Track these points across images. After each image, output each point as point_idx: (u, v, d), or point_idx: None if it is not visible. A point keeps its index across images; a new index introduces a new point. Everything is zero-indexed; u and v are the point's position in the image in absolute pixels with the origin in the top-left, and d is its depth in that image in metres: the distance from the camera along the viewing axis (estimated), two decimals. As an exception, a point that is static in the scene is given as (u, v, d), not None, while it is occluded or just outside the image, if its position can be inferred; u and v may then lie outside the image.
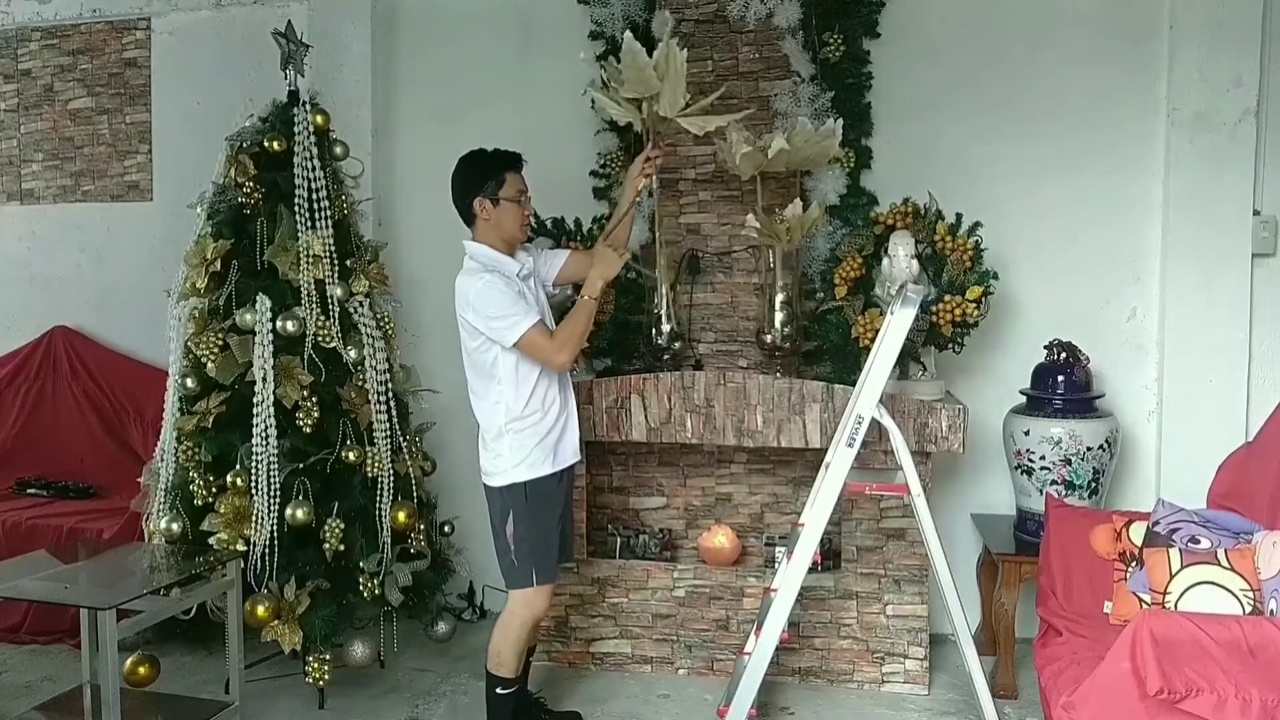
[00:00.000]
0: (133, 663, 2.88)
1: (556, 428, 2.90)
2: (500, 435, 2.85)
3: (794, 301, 3.48)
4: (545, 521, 2.89)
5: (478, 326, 2.79)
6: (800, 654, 3.43)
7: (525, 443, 2.85)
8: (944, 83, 3.75)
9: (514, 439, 2.85)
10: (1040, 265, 3.70)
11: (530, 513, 2.86)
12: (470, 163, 2.91)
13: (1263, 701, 2.05)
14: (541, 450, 2.86)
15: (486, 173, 2.86)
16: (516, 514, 2.86)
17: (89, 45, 4.62)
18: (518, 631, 2.88)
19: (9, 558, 3.24)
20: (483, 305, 2.76)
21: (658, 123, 3.12)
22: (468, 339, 2.85)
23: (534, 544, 2.87)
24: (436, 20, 4.18)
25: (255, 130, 3.30)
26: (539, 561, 2.88)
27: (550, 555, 2.91)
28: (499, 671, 2.89)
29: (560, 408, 2.91)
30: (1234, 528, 2.70)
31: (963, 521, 3.75)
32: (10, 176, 4.77)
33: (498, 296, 2.76)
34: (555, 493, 2.91)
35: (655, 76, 2.96)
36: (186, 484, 3.19)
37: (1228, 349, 3.55)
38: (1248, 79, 3.49)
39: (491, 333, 2.78)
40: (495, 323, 2.76)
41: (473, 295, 2.77)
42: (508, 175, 2.86)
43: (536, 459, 2.85)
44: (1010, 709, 3.22)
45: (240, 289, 3.22)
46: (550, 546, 2.90)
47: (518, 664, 2.91)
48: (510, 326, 2.75)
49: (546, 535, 2.89)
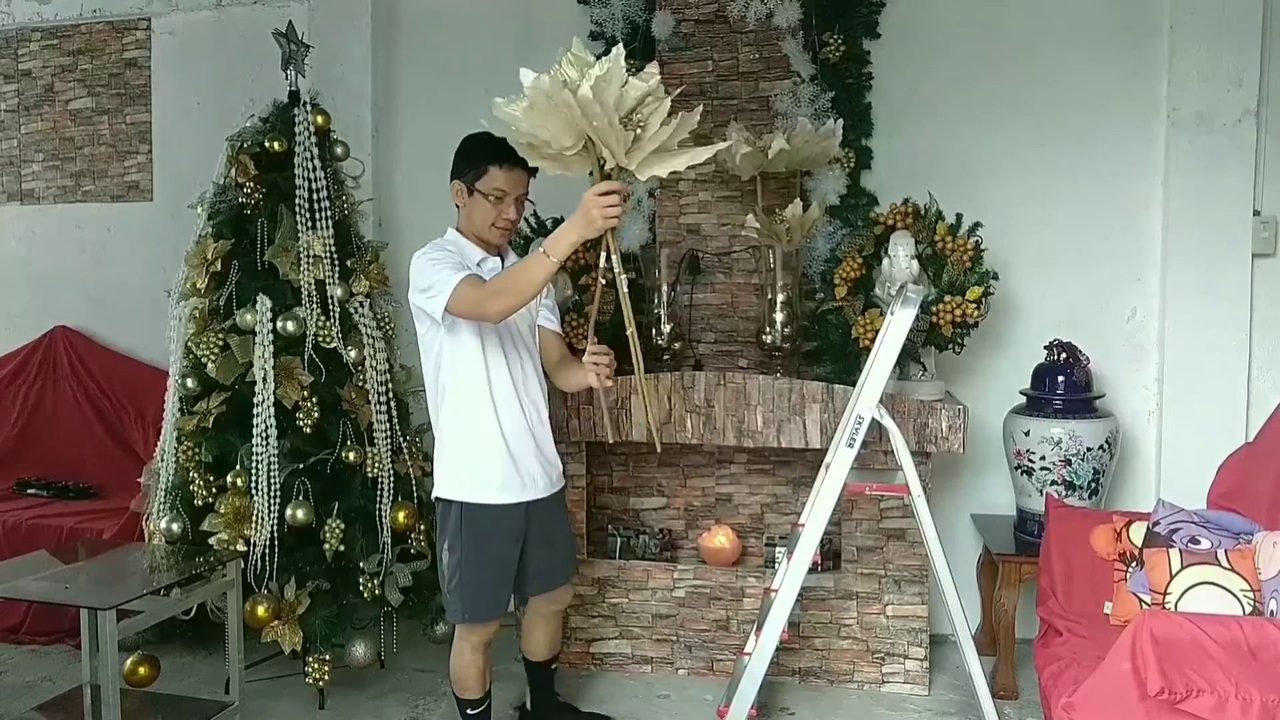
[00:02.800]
0: (133, 663, 2.88)
1: (505, 452, 2.59)
2: (442, 442, 2.65)
3: (794, 301, 3.47)
4: (483, 558, 2.60)
5: (417, 305, 2.53)
6: (800, 654, 3.43)
7: (462, 459, 2.61)
8: (944, 83, 3.75)
9: (453, 452, 2.62)
10: (1040, 265, 3.70)
11: (466, 543, 2.60)
12: (464, 142, 2.66)
13: (1263, 702, 2.05)
14: (480, 474, 2.59)
15: (471, 158, 2.62)
16: (451, 539, 2.62)
17: (89, 45, 4.63)
18: (469, 656, 2.70)
19: (9, 558, 3.24)
20: (416, 279, 2.51)
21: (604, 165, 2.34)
22: (416, 325, 2.62)
23: (466, 578, 2.61)
24: (436, 20, 4.19)
25: (256, 130, 3.30)
26: (470, 599, 2.62)
27: (485, 595, 2.64)
28: (463, 695, 2.75)
29: (518, 430, 2.61)
30: (1234, 528, 2.70)
31: (963, 521, 3.75)
32: (10, 176, 4.78)
33: (427, 266, 2.48)
34: (501, 529, 2.61)
35: (581, 117, 2.18)
36: (186, 484, 3.19)
37: (1228, 349, 3.55)
38: (1248, 79, 3.49)
39: (426, 306, 2.49)
40: (424, 295, 2.47)
41: (412, 272, 2.53)
42: (490, 168, 2.58)
43: (473, 482, 2.60)
44: (1010, 709, 3.22)
45: (240, 289, 3.22)
46: (486, 586, 2.63)
47: (481, 684, 2.74)
48: (438, 291, 2.43)
49: (483, 573, 2.61)
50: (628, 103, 2.19)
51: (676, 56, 3.69)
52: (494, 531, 2.62)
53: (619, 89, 2.15)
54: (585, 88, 2.11)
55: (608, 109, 2.15)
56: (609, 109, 2.16)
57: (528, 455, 2.65)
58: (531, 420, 2.67)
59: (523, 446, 2.64)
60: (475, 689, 2.75)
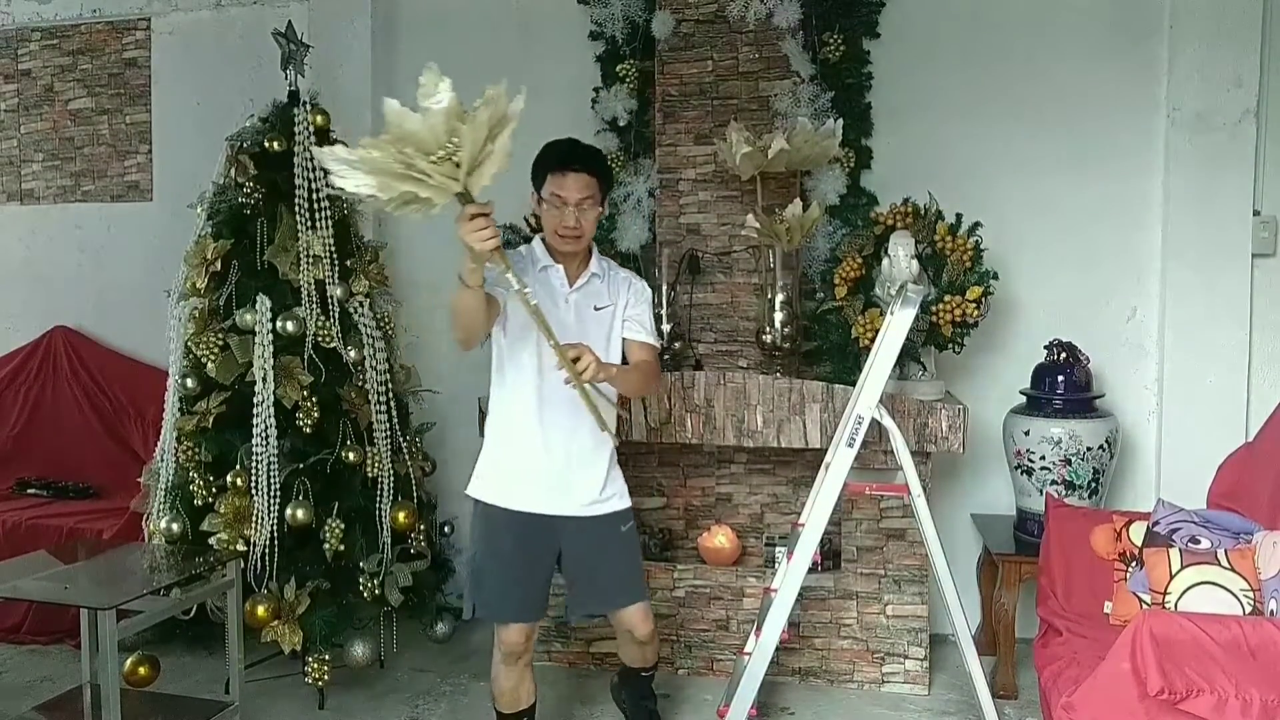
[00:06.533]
0: (133, 663, 2.88)
1: (514, 460, 2.60)
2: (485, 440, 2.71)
3: (794, 301, 3.48)
4: (493, 556, 2.63)
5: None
6: (800, 654, 3.43)
7: (485, 459, 2.66)
8: (944, 83, 3.75)
9: (484, 451, 2.67)
10: (1040, 265, 3.70)
11: (479, 538, 2.66)
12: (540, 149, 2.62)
13: (1263, 702, 2.05)
14: (492, 473, 2.64)
15: (537, 165, 2.59)
16: (471, 533, 2.70)
17: (89, 45, 4.62)
18: (498, 665, 2.68)
19: (9, 558, 3.24)
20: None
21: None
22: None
23: (476, 573, 2.67)
24: (436, 20, 4.18)
25: (255, 130, 3.30)
26: (479, 595, 2.67)
27: (493, 594, 2.65)
28: (498, 706, 2.73)
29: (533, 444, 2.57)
30: (1234, 528, 2.70)
31: (963, 521, 3.75)
32: (10, 176, 4.77)
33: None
34: (512, 533, 2.61)
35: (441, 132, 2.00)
36: (186, 484, 3.19)
37: (1228, 349, 3.55)
38: (1248, 79, 3.49)
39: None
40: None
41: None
42: (549, 175, 2.55)
43: (488, 478, 2.64)
44: (1010, 709, 3.22)
45: (240, 289, 3.22)
46: (495, 585, 2.64)
47: (512, 698, 2.69)
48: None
49: (491, 571, 2.64)
50: (434, 141, 1.99)
51: (676, 56, 3.69)
52: (504, 533, 2.62)
53: (426, 134, 1.98)
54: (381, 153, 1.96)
55: (417, 158, 1.98)
56: (419, 158, 1.99)
57: (544, 469, 2.60)
58: (553, 438, 2.59)
59: (536, 460, 2.59)
60: (505, 701, 2.71)
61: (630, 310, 2.68)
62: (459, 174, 2.02)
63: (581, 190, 2.54)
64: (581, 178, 2.55)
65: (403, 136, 1.96)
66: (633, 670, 2.97)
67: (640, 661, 2.91)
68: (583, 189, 2.55)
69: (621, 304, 2.67)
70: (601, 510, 2.65)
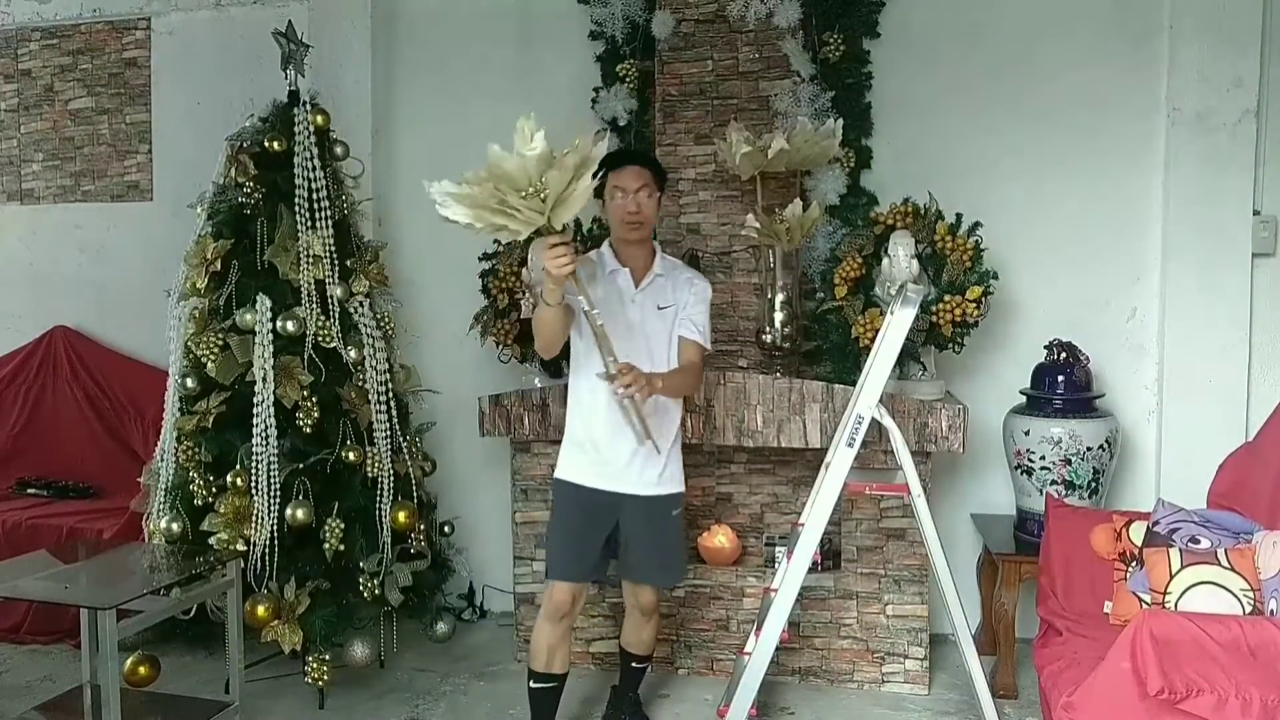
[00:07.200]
0: (133, 663, 2.88)
1: (587, 442, 2.84)
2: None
3: (794, 301, 3.48)
4: (562, 523, 2.90)
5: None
6: (800, 654, 3.43)
7: (566, 438, 2.91)
8: (944, 83, 3.75)
9: (567, 430, 2.91)
10: (1040, 265, 3.70)
11: (554, 507, 2.95)
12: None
13: (1263, 701, 2.05)
14: (569, 452, 2.89)
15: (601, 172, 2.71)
16: (552, 506, 2.98)
17: (89, 45, 4.62)
18: (540, 623, 2.87)
19: (9, 558, 3.24)
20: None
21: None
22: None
23: (549, 537, 2.98)
24: (436, 20, 4.18)
25: (255, 130, 3.30)
26: (551, 558, 2.93)
27: (556, 557, 2.91)
28: (530, 663, 2.89)
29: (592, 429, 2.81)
30: (1234, 528, 2.70)
31: (963, 521, 3.75)
32: (10, 176, 4.77)
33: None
34: (573, 506, 2.88)
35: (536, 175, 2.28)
36: (186, 484, 3.19)
37: (1228, 349, 3.55)
38: (1248, 79, 3.49)
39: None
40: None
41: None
42: (609, 173, 2.81)
43: (565, 458, 2.90)
44: (1010, 709, 3.22)
45: (240, 289, 3.22)
46: (558, 550, 2.91)
47: (546, 657, 2.84)
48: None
49: (557, 537, 2.92)
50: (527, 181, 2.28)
51: (676, 56, 3.69)
52: (572, 505, 2.88)
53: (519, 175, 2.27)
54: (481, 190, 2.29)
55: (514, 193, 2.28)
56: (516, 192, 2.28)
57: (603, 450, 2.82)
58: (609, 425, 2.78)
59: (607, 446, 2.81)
60: (539, 660, 2.86)
61: (688, 310, 2.88)
62: (544, 209, 2.32)
63: (638, 179, 2.82)
64: (636, 169, 2.84)
65: (500, 175, 2.27)
66: (627, 664, 3.05)
67: (638, 645, 3.06)
68: (639, 177, 2.82)
69: (682, 304, 2.87)
70: (658, 491, 2.87)
